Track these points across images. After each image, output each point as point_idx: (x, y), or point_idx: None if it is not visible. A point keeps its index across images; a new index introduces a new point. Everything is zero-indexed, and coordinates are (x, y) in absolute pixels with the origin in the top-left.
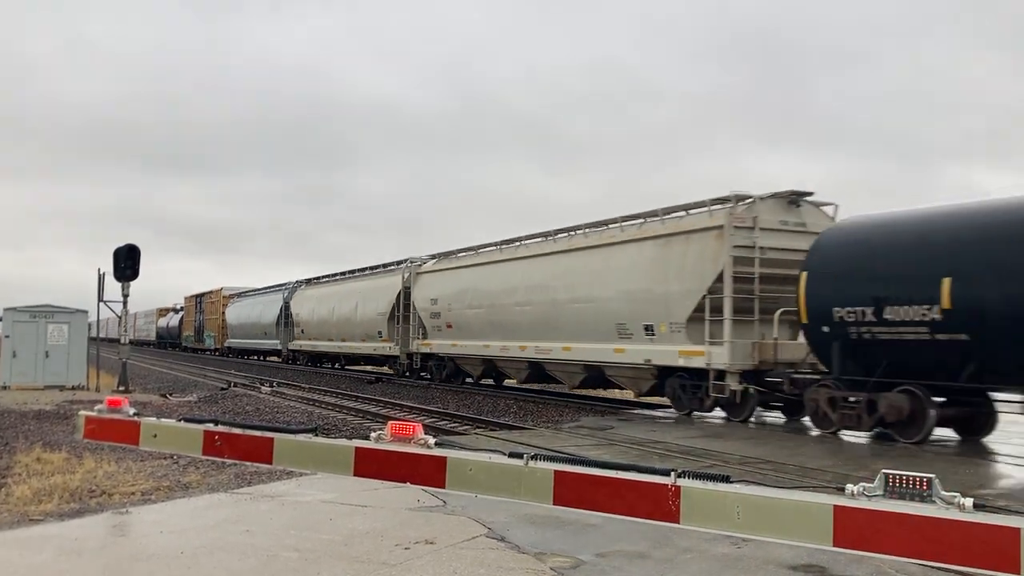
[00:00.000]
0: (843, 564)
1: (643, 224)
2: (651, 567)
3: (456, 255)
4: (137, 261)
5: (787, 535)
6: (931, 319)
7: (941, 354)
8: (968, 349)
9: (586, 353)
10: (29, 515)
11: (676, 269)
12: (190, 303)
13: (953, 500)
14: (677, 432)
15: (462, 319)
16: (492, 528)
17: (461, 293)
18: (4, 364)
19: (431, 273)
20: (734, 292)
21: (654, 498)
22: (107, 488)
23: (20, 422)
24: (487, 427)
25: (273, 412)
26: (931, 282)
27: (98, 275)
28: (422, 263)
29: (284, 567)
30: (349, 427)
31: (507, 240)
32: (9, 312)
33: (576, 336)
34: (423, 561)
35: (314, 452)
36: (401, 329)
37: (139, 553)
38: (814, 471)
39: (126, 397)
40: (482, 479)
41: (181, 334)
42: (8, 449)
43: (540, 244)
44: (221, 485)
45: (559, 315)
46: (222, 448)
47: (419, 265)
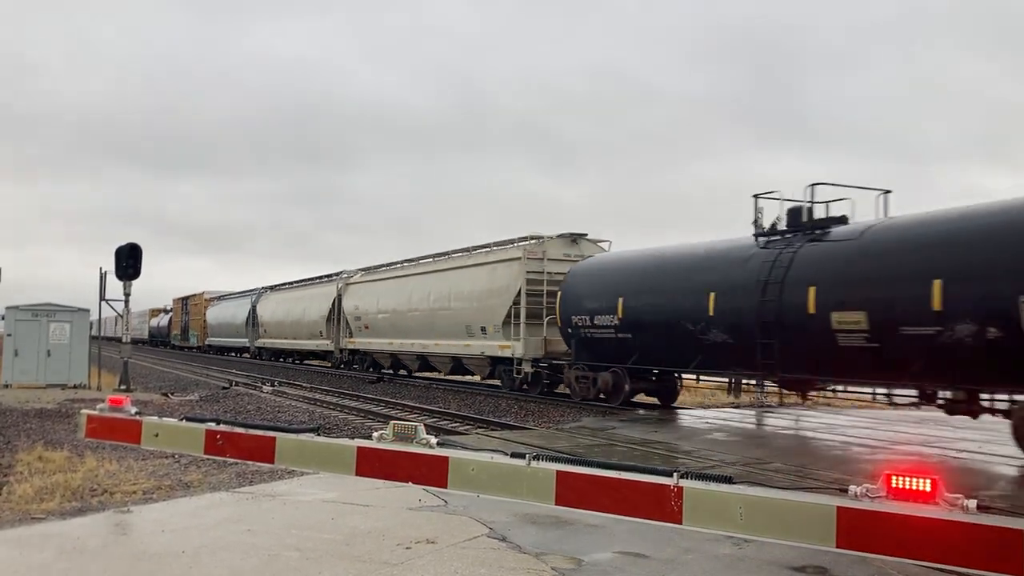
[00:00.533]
0: (845, 565)
1: (479, 253)
2: (653, 567)
3: (374, 270)
4: (139, 260)
5: (790, 536)
6: (614, 325)
7: (621, 347)
8: (633, 344)
9: (449, 348)
10: (31, 513)
11: (495, 287)
12: (177, 305)
13: (957, 502)
14: (679, 432)
15: (375, 322)
16: (493, 528)
17: (375, 302)
18: (6, 363)
19: (356, 284)
20: (527, 304)
21: (657, 499)
22: (109, 487)
23: (22, 421)
24: (488, 427)
25: (274, 411)
26: (613, 300)
27: (100, 274)
28: (351, 276)
29: (285, 566)
30: (350, 427)
31: (408, 259)
32: (11, 311)
33: (443, 335)
34: (424, 561)
35: (316, 452)
36: (335, 329)
37: (141, 552)
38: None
39: (128, 396)
40: (484, 479)
41: (170, 333)
42: (10, 448)
43: (422, 264)
44: (222, 484)
45: (433, 320)
46: (224, 447)
47: (348, 278)
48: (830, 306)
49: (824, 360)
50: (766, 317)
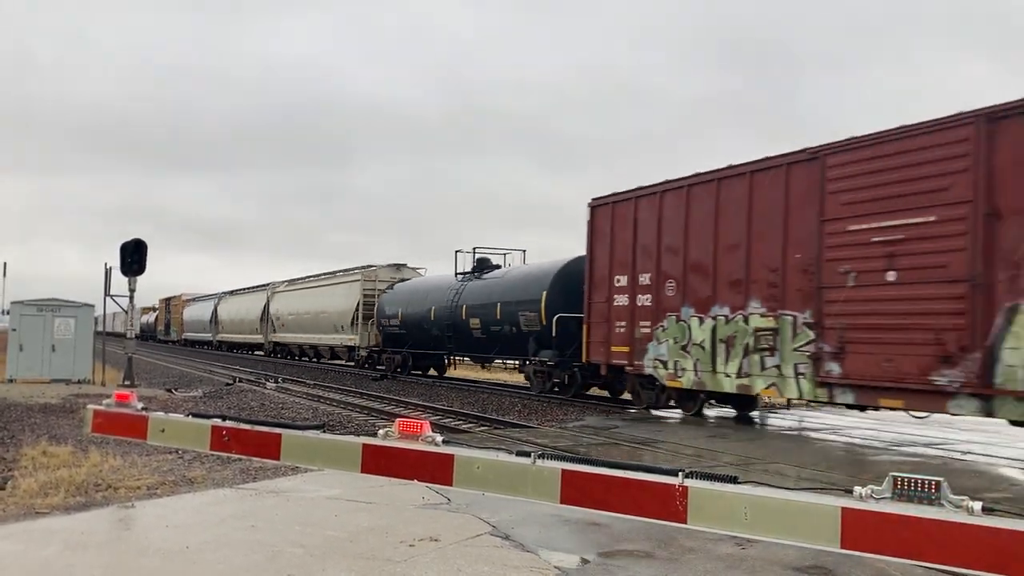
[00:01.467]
0: (848, 566)
1: (339, 274)
2: (656, 567)
3: (290, 283)
4: (144, 256)
5: (795, 536)
6: (398, 324)
7: (403, 338)
8: (407, 336)
9: (325, 340)
10: (35, 508)
11: (346, 300)
12: (162, 304)
13: (962, 503)
14: (682, 432)
15: (287, 322)
16: (497, 526)
17: (287, 305)
18: (11, 357)
19: (279, 293)
20: (364, 311)
21: (661, 498)
22: (113, 482)
23: (26, 415)
24: (492, 425)
25: (278, 408)
26: (397, 309)
27: (105, 270)
28: (276, 286)
29: (289, 563)
30: (354, 424)
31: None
32: (16, 306)
33: (322, 331)
34: (428, 558)
35: (321, 449)
36: (266, 327)
37: (145, 547)
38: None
39: (133, 392)
40: (489, 477)
41: (156, 329)
42: (14, 442)
43: (311, 280)
44: (226, 480)
45: (316, 321)
46: (230, 444)
47: (275, 287)
48: (469, 315)
49: (468, 344)
50: (451, 320)
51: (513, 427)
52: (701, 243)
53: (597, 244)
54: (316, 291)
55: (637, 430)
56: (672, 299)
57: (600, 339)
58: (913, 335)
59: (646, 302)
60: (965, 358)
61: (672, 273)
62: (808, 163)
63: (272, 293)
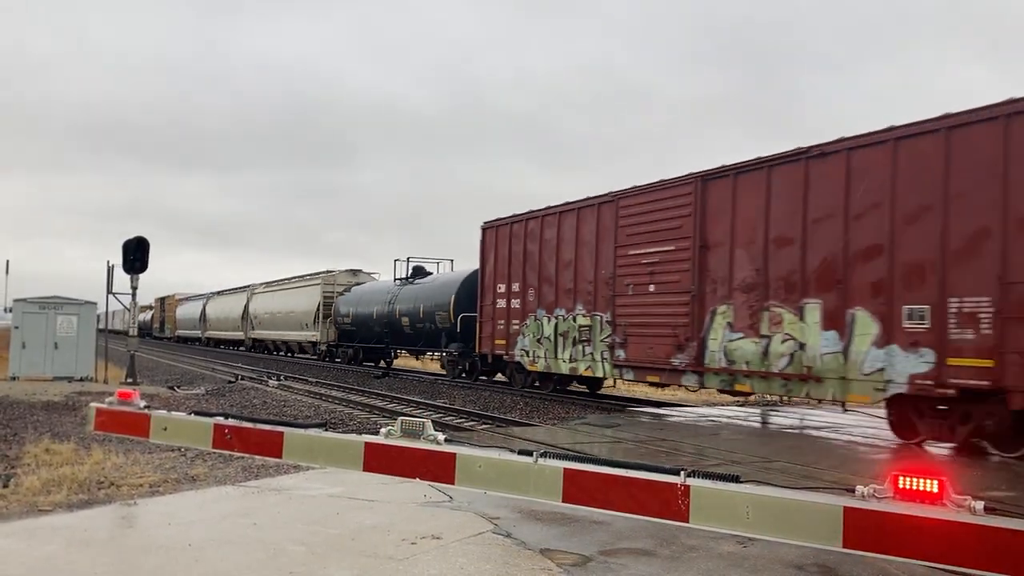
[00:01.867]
0: (849, 565)
1: (305, 278)
2: (657, 565)
3: (267, 284)
4: (146, 254)
5: (797, 536)
6: (350, 322)
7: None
8: (357, 333)
9: (294, 336)
10: (38, 505)
11: (310, 301)
12: (157, 303)
13: (964, 503)
14: (685, 431)
15: (263, 320)
16: (498, 524)
17: (263, 305)
18: (13, 355)
19: (256, 294)
20: (323, 311)
21: (663, 497)
22: (115, 480)
23: (29, 413)
24: (494, 423)
25: (280, 406)
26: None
27: (107, 267)
28: (255, 288)
29: (291, 560)
30: (356, 422)
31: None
32: (19, 303)
33: (291, 328)
34: (429, 556)
35: (324, 447)
36: (246, 324)
37: (147, 545)
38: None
39: (136, 390)
40: (492, 476)
41: (151, 326)
42: (17, 440)
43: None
44: (228, 478)
45: (286, 319)
46: (232, 442)
47: (255, 288)
48: (401, 314)
49: (401, 339)
50: (388, 319)
51: (515, 425)
52: (549, 260)
53: (486, 258)
54: (286, 293)
55: (639, 429)
56: (532, 303)
57: (488, 334)
58: (662, 330)
59: (516, 305)
60: (688, 346)
61: (532, 283)
62: (610, 203)
63: (251, 294)
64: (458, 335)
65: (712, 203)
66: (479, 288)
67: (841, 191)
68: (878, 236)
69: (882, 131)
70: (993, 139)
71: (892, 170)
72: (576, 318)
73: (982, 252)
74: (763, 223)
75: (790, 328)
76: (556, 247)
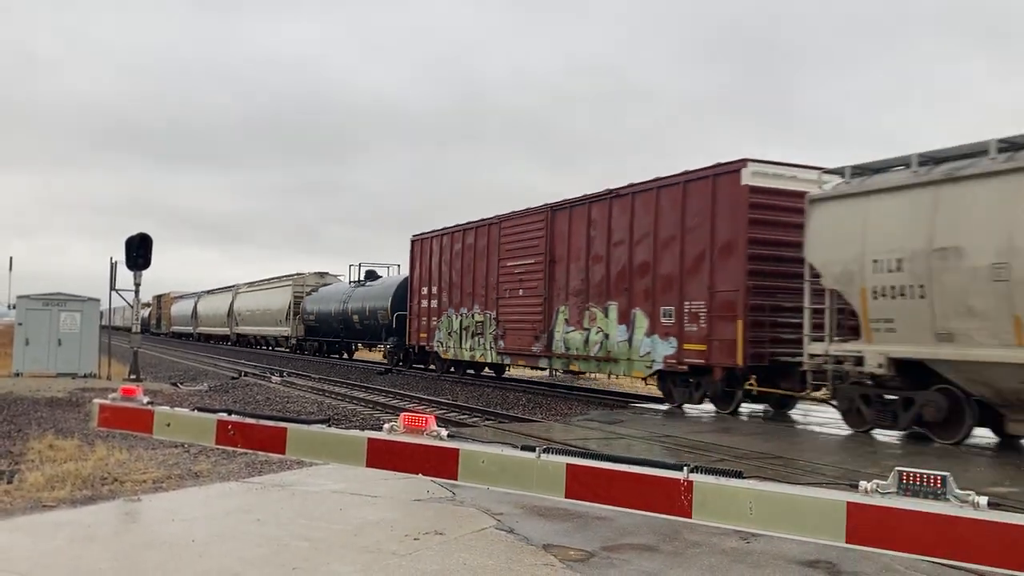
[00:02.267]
0: (852, 560)
1: (280, 279)
2: (660, 560)
3: (247, 284)
4: (149, 250)
5: (800, 531)
6: (314, 319)
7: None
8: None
9: (271, 331)
10: (42, 501)
11: (283, 299)
12: (154, 301)
13: (967, 498)
14: (686, 426)
15: (244, 316)
16: (501, 520)
17: (245, 303)
18: (17, 351)
19: (240, 292)
20: (294, 309)
21: (666, 493)
22: (119, 476)
23: (33, 409)
24: (497, 419)
25: (284, 402)
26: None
27: (110, 264)
28: (239, 288)
29: (294, 556)
30: (359, 418)
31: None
32: (22, 300)
33: (268, 324)
34: (432, 552)
35: (327, 443)
36: (231, 320)
37: (151, 540)
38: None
39: (139, 386)
40: (494, 472)
41: (150, 323)
42: (21, 436)
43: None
44: (232, 474)
45: (264, 315)
46: (235, 438)
47: (238, 288)
48: (352, 312)
49: (352, 333)
50: (343, 316)
51: (518, 421)
52: (456, 268)
53: (413, 266)
54: (264, 292)
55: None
56: (445, 303)
57: (415, 329)
58: (525, 325)
59: (435, 305)
60: (542, 336)
61: (445, 286)
62: (496, 224)
63: (235, 294)
64: (394, 330)
65: (557, 228)
66: (409, 290)
67: (627, 223)
68: (647, 256)
69: (650, 180)
70: (706, 191)
71: (656, 209)
72: (474, 315)
73: (701, 270)
74: (586, 244)
75: (600, 323)
76: (461, 258)
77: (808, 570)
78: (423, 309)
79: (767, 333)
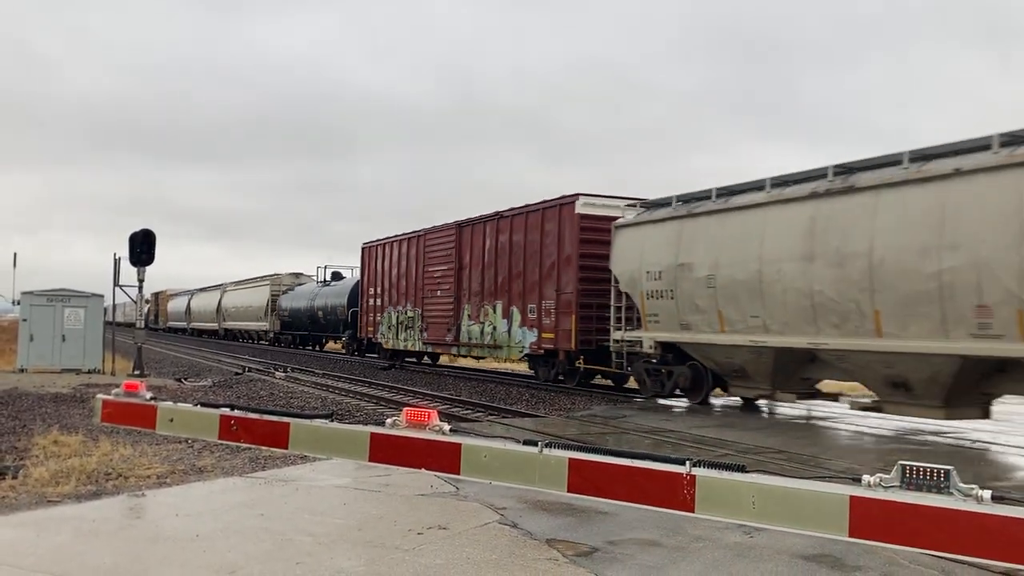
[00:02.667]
0: (855, 554)
1: (259, 278)
2: (663, 555)
3: (234, 283)
4: (153, 246)
5: (802, 525)
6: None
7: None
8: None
9: (252, 326)
10: (47, 497)
11: (262, 297)
12: (152, 297)
13: (971, 492)
14: (690, 421)
15: (232, 312)
16: (504, 514)
17: (231, 301)
18: (22, 347)
19: (227, 291)
20: (271, 306)
21: (669, 487)
22: (123, 471)
23: (37, 405)
24: (499, 414)
25: (287, 397)
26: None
27: (114, 260)
28: (227, 286)
29: (298, 551)
30: (362, 413)
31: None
32: (26, 296)
33: (250, 319)
34: (436, 546)
35: (330, 438)
36: (220, 316)
37: (155, 535)
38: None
39: (143, 381)
40: (497, 466)
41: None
42: (26, 431)
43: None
44: (235, 469)
45: (246, 312)
46: (238, 433)
47: (226, 287)
48: (317, 309)
49: (318, 327)
50: (310, 313)
51: (521, 416)
52: (395, 272)
53: (363, 270)
54: (247, 290)
55: (646, 418)
56: (387, 301)
57: (364, 323)
58: (442, 320)
59: (379, 303)
60: (453, 329)
61: (387, 287)
62: (422, 236)
63: (223, 291)
64: (350, 324)
65: (463, 241)
66: (360, 290)
67: (508, 239)
68: (520, 266)
69: (521, 206)
70: (555, 217)
71: (524, 229)
72: (407, 312)
73: (552, 277)
74: (482, 254)
75: (491, 318)
76: (398, 264)
77: (811, 564)
78: (370, 307)
79: (593, 325)
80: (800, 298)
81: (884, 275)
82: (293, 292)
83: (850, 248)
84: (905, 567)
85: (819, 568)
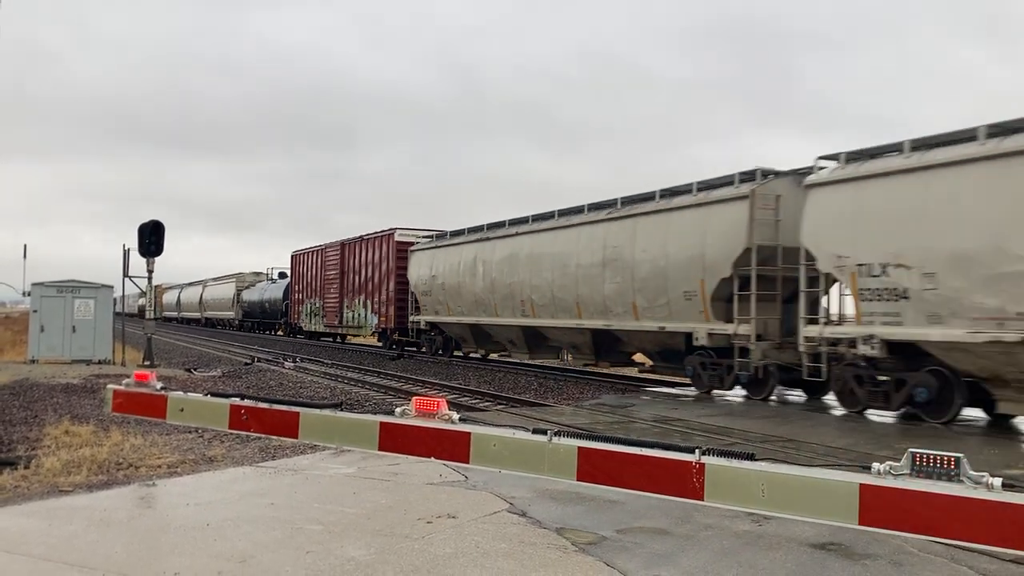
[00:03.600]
0: (865, 542)
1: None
2: (672, 543)
3: (213, 278)
4: (162, 237)
5: (812, 513)
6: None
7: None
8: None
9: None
10: (59, 486)
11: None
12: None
13: (981, 480)
14: (698, 410)
15: (210, 303)
16: (513, 503)
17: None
18: (32, 338)
19: (207, 285)
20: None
21: (678, 475)
22: (134, 461)
23: (49, 395)
24: (508, 403)
25: (296, 387)
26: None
27: (123, 251)
28: (208, 281)
29: (308, 539)
30: (372, 402)
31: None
32: (37, 287)
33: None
34: (445, 535)
35: (339, 427)
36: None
37: (166, 524)
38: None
39: (153, 372)
40: (506, 455)
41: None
42: (38, 422)
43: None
44: (245, 459)
45: (219, 303)
46: (248, 422)
47: (206, 282)
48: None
49: (267, 316)
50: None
51: (529, 405)
52: (309, 275)
53: (292, 272)
54: (220, 285)
55: (655, 408)
56: (306, 295)
57: (293, 312)
58: (333, 309)
59: (300, 297)
60: (339, 316)
61: (305, 285)
62: (324, 250)
63: (204, 286)
64: (285, 314)
65: (345, 254)
66: (291, 288)
67: (367, 256)
68: (370, 274)
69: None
70: (384, 243)
71: (371, 249)
72: (315, 303)
73: (385, 282)
74: (353, 265)
75: (357, 308)
76: (312, 269)
77: (821, 553)
78: (296, 300)
79: (405, 313)
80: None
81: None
82: (252, 288)
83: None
84: (915, 555)
85: (828, 556)
